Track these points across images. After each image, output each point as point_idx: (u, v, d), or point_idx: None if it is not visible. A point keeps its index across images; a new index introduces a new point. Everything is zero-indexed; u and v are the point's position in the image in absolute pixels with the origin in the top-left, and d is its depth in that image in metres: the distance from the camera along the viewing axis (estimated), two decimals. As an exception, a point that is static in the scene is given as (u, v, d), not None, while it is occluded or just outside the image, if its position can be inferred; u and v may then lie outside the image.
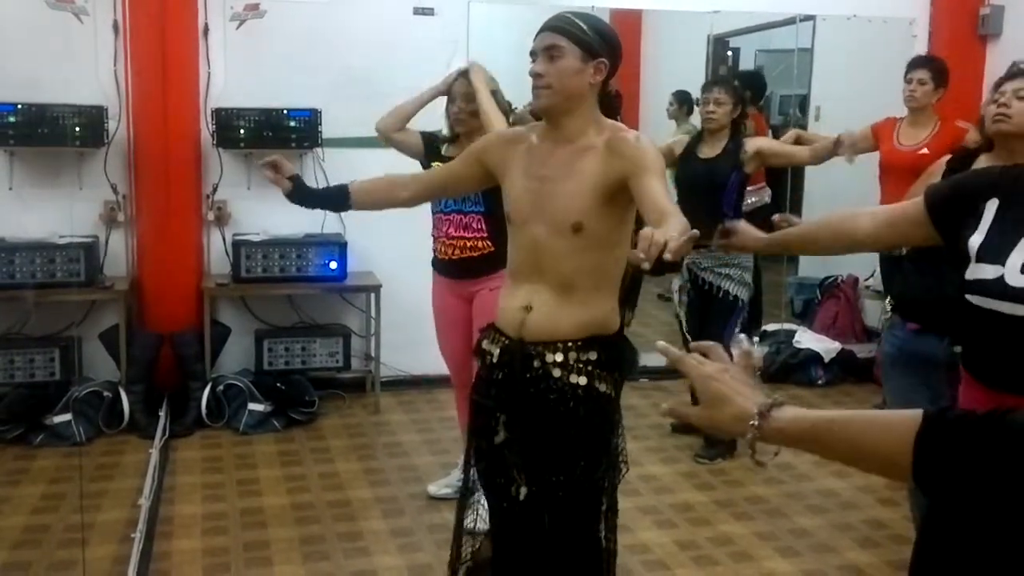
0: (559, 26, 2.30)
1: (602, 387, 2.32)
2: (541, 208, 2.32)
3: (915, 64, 4.88)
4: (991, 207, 1.64)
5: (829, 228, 2.21)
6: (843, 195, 5.95)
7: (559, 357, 2.29)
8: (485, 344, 2.46)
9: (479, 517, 2.66)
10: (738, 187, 4.44)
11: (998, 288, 1.56)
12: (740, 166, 4.40)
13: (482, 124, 3.52)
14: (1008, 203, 1.63)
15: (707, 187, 4.36)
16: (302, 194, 2.72)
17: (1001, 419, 1.06)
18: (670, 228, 1.88)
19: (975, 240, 1.64)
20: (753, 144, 4.44)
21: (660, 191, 2.15)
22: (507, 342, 2.38)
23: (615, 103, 2.42)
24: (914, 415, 1.12)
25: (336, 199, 2.75)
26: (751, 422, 1.22)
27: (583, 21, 2.30)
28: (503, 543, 2.48)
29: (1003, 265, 1.56)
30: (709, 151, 4.44)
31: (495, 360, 2.41)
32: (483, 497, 2.59)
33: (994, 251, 1.59)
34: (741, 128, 4.51)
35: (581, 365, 2.29)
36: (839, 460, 1.22)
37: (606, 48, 2.30)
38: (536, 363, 2.32)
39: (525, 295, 2.35)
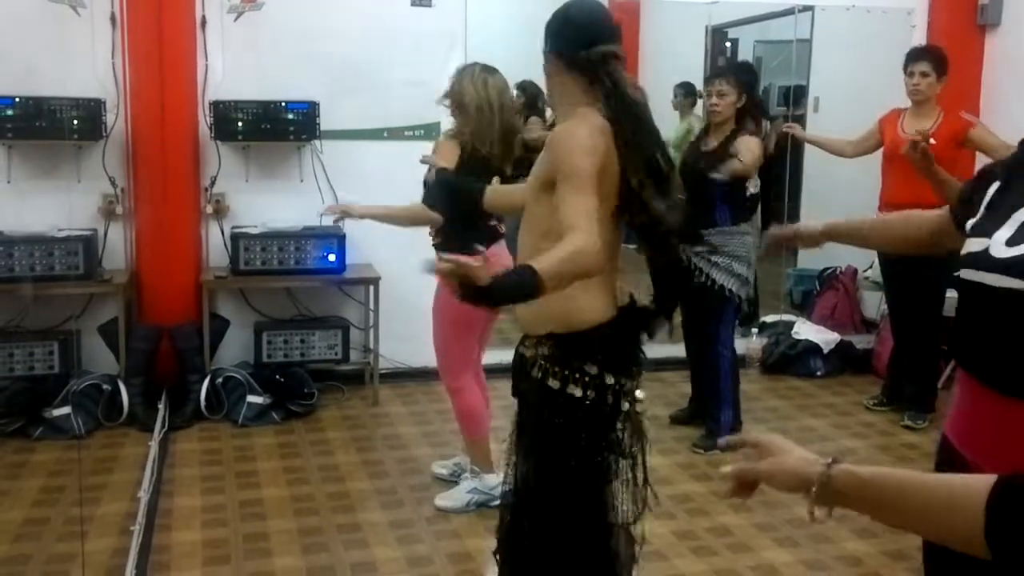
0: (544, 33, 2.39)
1: (554, 384, 2.29)
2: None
3: (915, 56, 4.86)
4: (993, 189, 1.66)
5: (885, 223, 2.24)
6: (841, 189, 5.96)
7: (528, 352, 2.38)
8: None
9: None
10: (730, 180, 4.37)
11: (983, 260, 1.56)
12: (730, 159, 4.35)
13: (488, 120, 3.56)
14: (1007, 184, 1.65)
15: (700, 177, 4.36)
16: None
17: None
18: (546, 256, 1.99)
19: (972, 220, 1.66)
20: (737, 146, 4.37)
21: (569, 202, 2.13)
22: None
23: (594, 66, 2.27)
24: (987, 479, 1.10)
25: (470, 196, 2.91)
26: (821, 461, 1.24)
27: (550, 21, 2.36)
28: (512, 519, 2.50)
29: (989, 238, 1.57)
30: (712, 142, 4.49)
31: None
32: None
33: (983, 227, 1.61)
34: (746, 119, 4.49)
35: (542, 361, 2.32)
36: (901, 523, 1.19)
37: (551, 38, 2.35)
38: (518, 356, 2.43)
39: None
